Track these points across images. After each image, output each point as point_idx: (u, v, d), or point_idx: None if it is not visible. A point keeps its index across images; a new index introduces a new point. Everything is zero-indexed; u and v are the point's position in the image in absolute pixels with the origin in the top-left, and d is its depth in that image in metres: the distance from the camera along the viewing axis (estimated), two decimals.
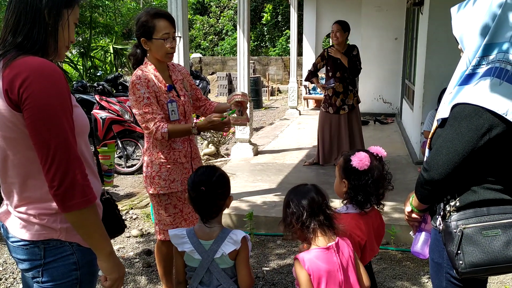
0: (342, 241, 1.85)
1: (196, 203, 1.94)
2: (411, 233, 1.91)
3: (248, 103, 3.27)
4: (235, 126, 6.49)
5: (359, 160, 1.96)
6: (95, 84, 7.36)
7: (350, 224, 1.95)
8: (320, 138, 5.82)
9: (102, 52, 14.91)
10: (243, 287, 1.93)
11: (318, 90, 5.82)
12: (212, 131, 6.96)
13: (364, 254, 2.03)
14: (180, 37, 2.78)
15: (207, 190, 1.90)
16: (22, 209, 1.48)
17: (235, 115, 2.67)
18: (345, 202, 2.05)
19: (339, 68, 5.48)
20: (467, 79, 1.53)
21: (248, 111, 2.76)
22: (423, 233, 1.82)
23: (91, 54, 13.93)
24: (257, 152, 6.78)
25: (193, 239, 1.93)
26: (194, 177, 1.97)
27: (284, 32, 21.35)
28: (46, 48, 1.44)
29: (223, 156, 7.02)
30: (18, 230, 1.49)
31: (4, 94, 1.36)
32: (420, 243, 1.82)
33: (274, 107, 13.24)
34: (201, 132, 2.63)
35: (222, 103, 2.90)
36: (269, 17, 21.71)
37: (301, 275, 1.78)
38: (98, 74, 12.72)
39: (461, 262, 1.48)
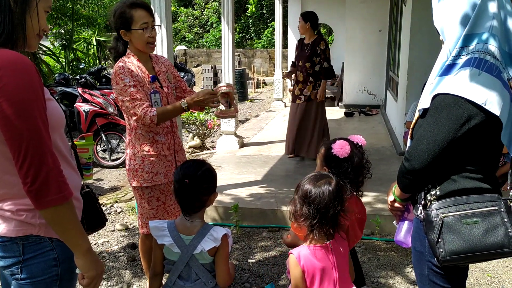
0: (339, 238, 1.84)
1: (179, 196, 1.92)
2: (394, 222, 1.93)
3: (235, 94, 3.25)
4: (221, 119, 6.47)
5: (340, 148, 1.99)
6: (78, 77, 7.26)
7: None
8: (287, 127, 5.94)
9: (84, 44, 14.73)
10: (221, 283, 1.92)
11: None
12: (198, 123, 6.94)
13: (348, 240, 2.06)
14: (159, 25, 2.75)
15: (191, 184, 1.88)
16: None
17: (222, 107, 2.65)
18: None
19: (301, 57, 5.56)
20: (448, 69, 1.54)
21: (234, 102, 2.74)
22: (406, 222, 1.84)
23: (74, 46, 13.75)
24: (242, 145, 6.77)
25: (174, 233, 1.91)
26: (180, 169, 1.95)
27: (269, 24, 21.31)
28: (14, 39, 1.38)
29: (208, 149, 7.00)
30: None
31: None
32: (403, 232, 1.84)
33: (259, 99, 13.23)
34: (190, 109, 2.58)
35: None
36: (254, 9, 21.64)
37: (295, 271, 1.78)
38: (81, 66, 12.58)
39: (441, 250, 1.50)
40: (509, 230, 1.48)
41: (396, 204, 1.80)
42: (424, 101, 1.58)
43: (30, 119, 1.31)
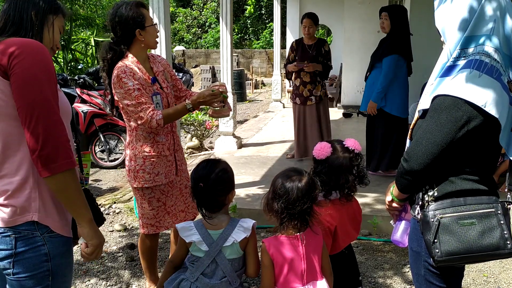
0: (312, 231, 1.89)
1: (196, 198, 1.93)
2: (391, 222, 1.94)
3: (230, 94, 3.26)
4: (219, 119, 6.49)
5: (318, 149, 2.03)
6: (76, 77, 7.24)
7: (319, 211, 1.98)
8: (295, 131, 5.86)
9: (83, 45, 14.71)
10: (252, 274, 1.95)
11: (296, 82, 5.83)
12: (196, 124, 6.94)
13: (337, 240, 2.07)
14: (156, 24, 2.79)
15: (205, 187, 1.87)
16: None
17: (218, 108, 2.66)
18: None
19: (306, 57, 5.54)
20: (448, 71, 1.55)
21: (231, 103, 2.77)
22: (403, 222, 1.85)
23: (72, 47, 13.72)
24: (241, 145, 6.78)
25: (202, 230, 1.91)
26: (195, 173, 1.95)
27: (267, 25, 21.33)
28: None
29: (206, 149, 7.01)
30: None
31: None
32: (400, 232, 1.85)
33: (258, 100, 13.24)
34: (194, 109, 2.60)
35: None
36: (252, 10, 21.65)
37: (264, 258, 1.87)
38: (79, 67, 12.54)
39: (437, 250, 1.51)
40: (505, 232, 1.49)
41: (394, 204, 1.81)
42: (424, 102, 1.59)
43: (42, 91, 1.41)
